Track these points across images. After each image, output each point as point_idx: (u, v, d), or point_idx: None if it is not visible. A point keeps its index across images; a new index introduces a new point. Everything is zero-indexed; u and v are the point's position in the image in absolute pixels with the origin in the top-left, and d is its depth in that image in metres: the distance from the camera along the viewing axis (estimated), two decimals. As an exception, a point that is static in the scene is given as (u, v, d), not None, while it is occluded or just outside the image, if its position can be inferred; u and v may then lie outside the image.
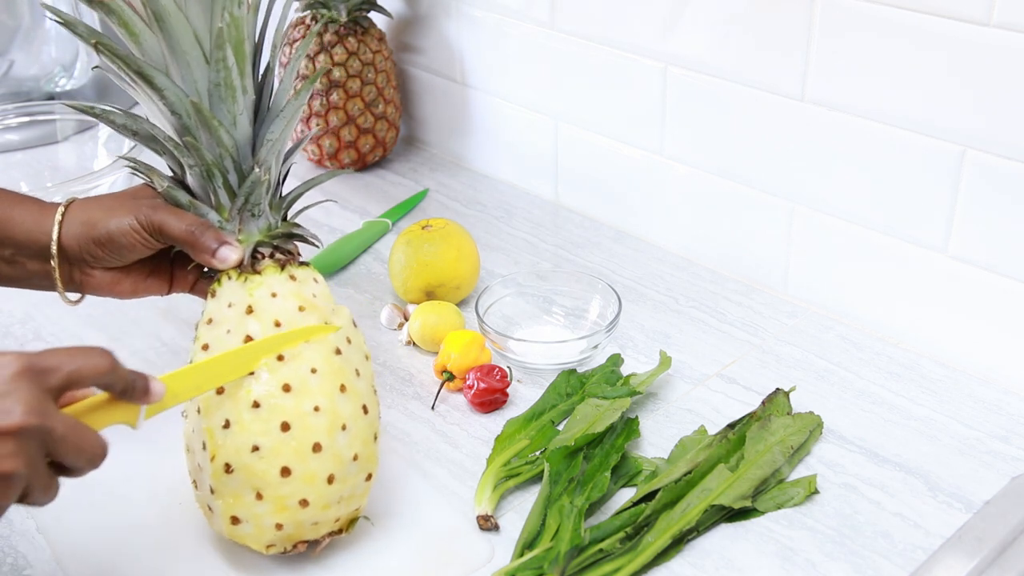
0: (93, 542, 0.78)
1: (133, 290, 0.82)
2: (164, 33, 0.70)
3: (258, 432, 0.69)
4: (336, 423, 0.70)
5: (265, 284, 0.73)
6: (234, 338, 0.71)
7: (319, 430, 0.69)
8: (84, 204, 0.79)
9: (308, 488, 0.69)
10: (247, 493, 0.69)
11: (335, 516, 0.72)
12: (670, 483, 0.79)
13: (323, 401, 0.70)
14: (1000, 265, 0.90)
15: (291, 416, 0.69)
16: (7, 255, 0.79)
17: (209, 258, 0.74)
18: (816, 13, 0.94)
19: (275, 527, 0.70)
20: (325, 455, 0.70)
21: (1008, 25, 0.83)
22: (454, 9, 1.30)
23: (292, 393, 0.69)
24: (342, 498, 0.72)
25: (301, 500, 0.70)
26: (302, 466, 0.69)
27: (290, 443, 0.69)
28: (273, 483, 0.69)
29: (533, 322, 1.03)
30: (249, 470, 0.69)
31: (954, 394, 0.93)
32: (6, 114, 1.35)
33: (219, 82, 0.71)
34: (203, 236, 0.74)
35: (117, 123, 0.75)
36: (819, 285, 1.04)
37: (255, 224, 0.75)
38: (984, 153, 0.88)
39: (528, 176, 1.31)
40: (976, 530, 0.78)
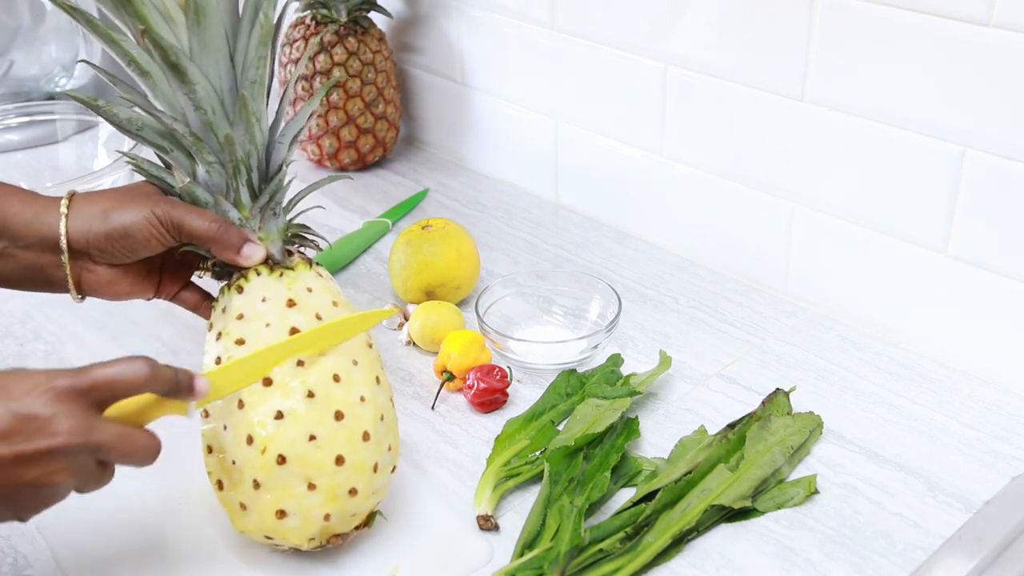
0: (93, 542, 0.78)
1: (129, 291, 0.80)
2: (200, 28, 0.70)
3: (314, 421, 0.69)
4: (377, 413, 0.72)
5: (300, 279, 0.74)
6: (275, 331, 0.71)
7: (367, 419, 0.71)
8: (90, 197, 0.77)
9: (358, 476, 0.71)
10: (298, 484, 0.70)
11: (370, 507, 0.74)
12: (670, 483, 0.79)
13: (367, 391, 0.72)
14: (1000, 265, 0.90)
15: (343, 405, 0.70)
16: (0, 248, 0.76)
17: (233, 255, 0.74)
18: (816, 13, 0.94)
19: (323, 518, 0.71)
20: (372, 444, 0.71)
21: (1008, 25, 0.83)
22: (454, 9, 1.30)
23: (341, 383, 0.71)
24: (377, 489, 0.73)
25: (351, 489, 0.71)
26: (354, 454, 0.70)
27: (344, 432, 0.70)
28: (328, 471, 0.70)
29: (533, 322, 1.03)
30: (304, 460, 0.69)
31: (954, 394, 0.93)
32: (6, 114, 1.35)
33: (256, 79, 0.73)
34: (228, 233, 0.74)
35: (120, 116, 0.74)
36: (819, 285, 1.04)
37: (274, 223, 0.76)
38: (984, 153, 0.88)
39: (528, 176, 1.31)
40: (976, 530, 0.78)
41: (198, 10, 0.69)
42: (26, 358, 1.00)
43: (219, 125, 0.73)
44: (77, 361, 0.99)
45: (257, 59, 0.72)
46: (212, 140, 0.73)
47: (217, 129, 0.73)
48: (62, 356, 1.00)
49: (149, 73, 0.72)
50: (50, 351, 1.01)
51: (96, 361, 0.63)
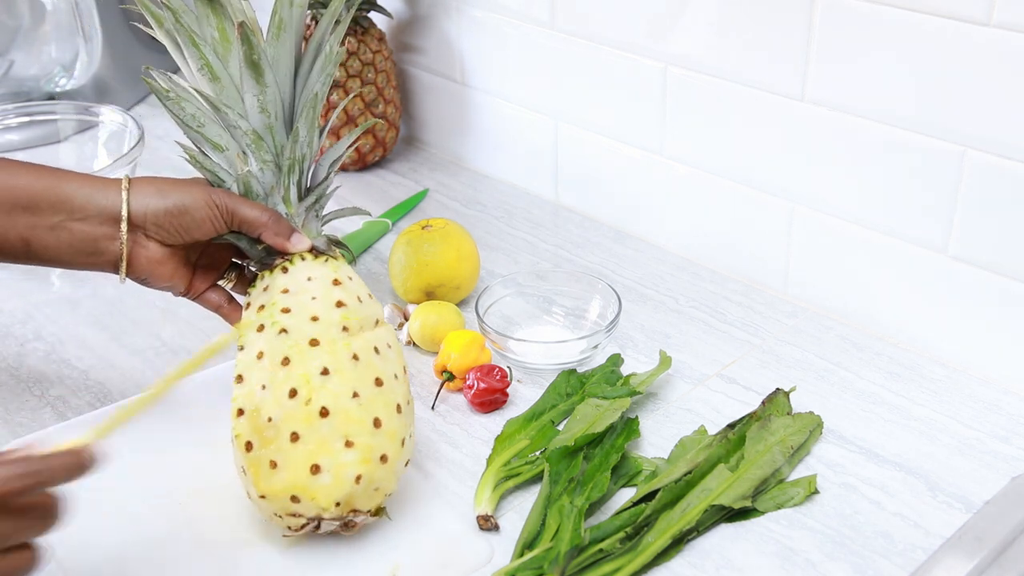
0: (93, 542, 0.78)
1: (171, 275, 0.84)
2: (279, 42, 0.79)
3: (357, 381, 0.73)
4: (405, 395, 0.77)
5: (342, 268, 0.80)
6: (321, 304, 0.76)
7: (400, 394, 0.76)
8: (148, 179, 0.83)
9: (391, 444, 0.74)
10: (337, 440, 0.72)
11: (387, 490, 0.75)
12: (670, 483, 0.79)
13: (399, 371, 0.77)
14: (1000, 265, 0.90)
15: (382, 374, 0.75)
16: (54, 222, 0.80)
17: (284, 240, 0.80)
18: (816, 13, 0.94)
19: (354, 479, 0.72)
20: (402, 418, 0.75)
21: (1008, 25, 0.83)
22: (454, 9, 1.30)
23: (380, 356, 0.76)
24: (397, 471, 0.75)
25: (383, 455, 0.73)
26: (390, 421, 0.74)
27: (382, 397, 0.74)
28: (367, 431, 0.72)
29: (533, 322, 1.03)
30: (347, 415, 0.72)
31: (954, 394, 0.93)
32: (6, 114, 1.35)
33: (317, 92, 0.81)
34: (279, 222, 0.80)
35: (187, 111, 0.80)
36: (819, 285, 1.04)
37: (315, 225, 0.83)
38: (984, 153, 0.88)
39: (528, 176, 1.31)
40: (976, 530, 0.78)
41: (281, 24, 0.78)
42: (26, 358, 1.00)
43: (278, 128, 0.80)
44: (77, 361, 0.99)
45: (326, 76, 0.81)
46: (270, 141, 0.80)
47: (275, 132, 0.80)
48: (62, 356, 1.00)
49: (219, 79, 0.79)
50: (50, 351, 1.01)
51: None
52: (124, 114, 1.27)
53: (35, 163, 0.83)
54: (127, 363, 0.99)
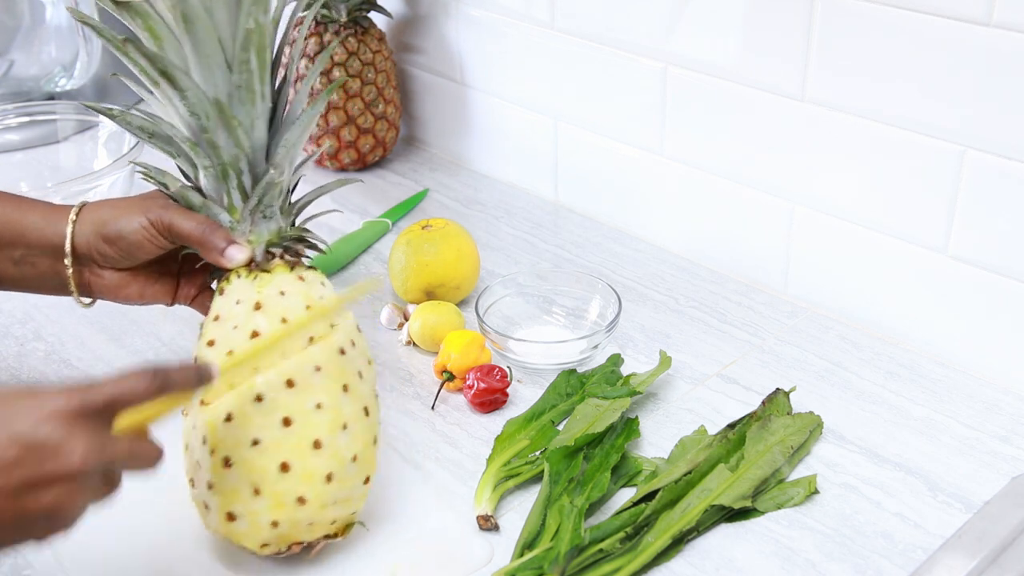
0: (93, 542, 0.78)
1: (140, 294, 0.83)
2: (191, 36, 0.71)
3: (259, 426, 0.69)
4: (338, 422, 0.70)
5: (274, 282, 0.74)
6: (240, 334, 0.71)
7: (320, 427, 0.70)
8: (96, 205, 0.81)
9: (306, 486, 0.69)
10: (245, 488, 0.69)
11: (331, 517, 0.72)
12: (670, 483, 0.79)
13: (326, 399, 0.70)
14: (1000, 265, 0.90)
15: (293, 411, 0.69)
16: (16, 256, 0.81)
17: (218, 256, 0.75)
18: (816, 13, 0.94)
19: (271, 524, 0.70)
20: (325, 453, 0.70)
21: (1008, 25, 0.83)
22: (454, 9, 1.30)
23: (295, 389, 0.69)
24: (339, 499, 0.71)
25: (299, 497, 0.69)
26: (301, 462, 0.69)
27: (290, 439, 0.69)
28: (271, 478, 0.69)
29: (533, 322, 1.03)
30: (248, 464, 0.69)
31: (954, 394, 0.93)
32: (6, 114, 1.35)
33: (241, 84, 0.73)
34: (212, 235, 0.75)
35: (133, 124, 0.77)
36: (819, 285, 1.04)
37: (266, 226, 0.76)
38: (984, 153, 0.88)
39: (528, 176, 1.31)
40: (976, 530, 0.78)
41: (185, 18, 0.71)
42: (26, 358, 1.00)
43: (213, 130, 0.73)
44: (77, 361, 0.99)
45: (240, 63, 0.72)
46: (206, 145, 0.74)
47: (214, 134, 0.74)
48: (62, 356, 1.00)
49: (158, 83, 0.74)
50: (50, 351, 1.01)
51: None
52: (124, 114, 1.27)
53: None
54: (127, 363, 0.99)
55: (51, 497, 0.58)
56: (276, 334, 0.70)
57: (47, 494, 0.58)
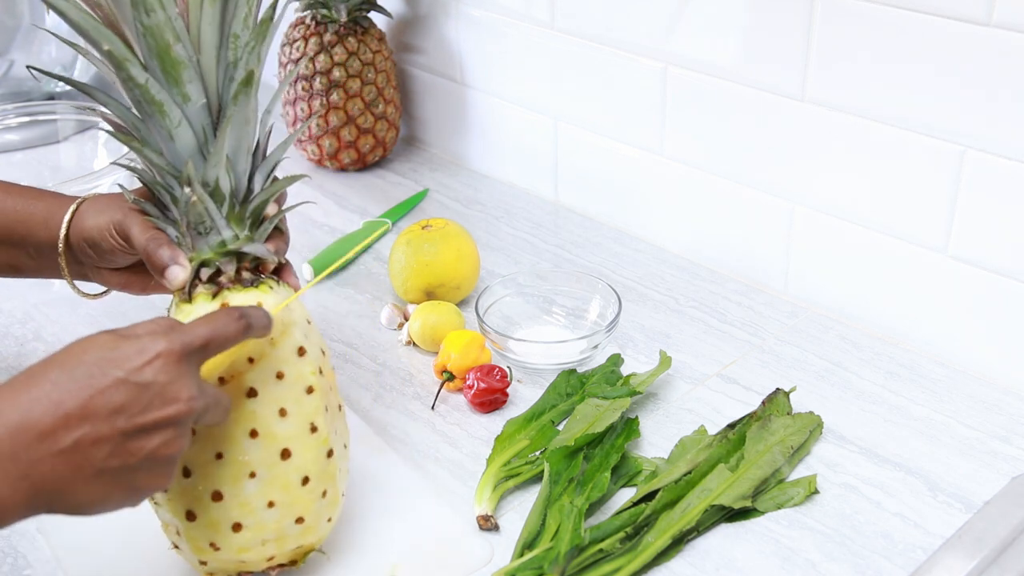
0: (93, 542, 0.78)
1: (143, 288, 0.82)
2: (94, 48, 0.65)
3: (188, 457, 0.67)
4: (242, 471, 0.66)
5: (192, 315, 0.67)
6: None
7: (220, 478, 0.66)
8: (90, 203, 0.79)
9: (214, 534, 0.67)
10: (171, 525, 0.69)
11: (263, 556, 0.69)
12: (670, 483, 0.79)
13: (227, 448, 0.66)
14: (1000, 265, 0.90)
15: (191, 463, 0.66)
16: (32, 251, 0.81)
17: (159, 276, 0.69)
18: (816, 13, 0.94)
19: (199, 562, 0.70)
20: (228, 504, 0.66)
21: (1008, 25, 0.83)
22: (454, 9, 1.30)
23: (197, 437, 0.66)
24: (265, 540, 0.68)
25: (210, 543, 0.68)
26: (204, 513, 0.67)
27: (191, 490, 0.66)
28: (183, 524, 0.67)
29: (533, 322, 1.03)
30: (162, 508, 0.68)
31: (954, 394, 0.93)
32: (6, 114, 1.35)
33: (137, 99, 0.65)
34: (157, 251, 0.69)
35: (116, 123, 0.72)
36: (819, 285, 1.04)
37: (205, 242, 0.69)
38: (984, 153, 0.88)
39: (528, 176, 1.31)
40: (976, 530, 0.78)
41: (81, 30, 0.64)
42: (26, 358, 1.00)
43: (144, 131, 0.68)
44: (77, 361, 0.99)
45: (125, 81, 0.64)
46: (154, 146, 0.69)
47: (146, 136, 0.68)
48: (62, 356, 1.00)
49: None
50: (50, 351, 1.00)
51: None
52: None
53: (5, 185, 0.83)
54: (127, 363, 0.99)
55: (156, 442, 0.58)
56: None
57: (153, 439, 0.58)
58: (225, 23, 0.67)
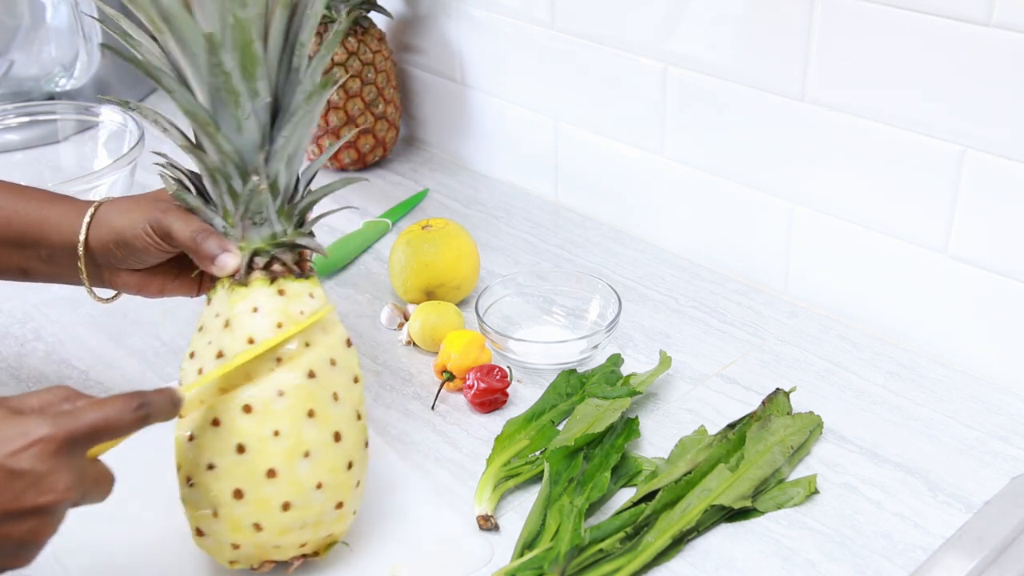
0: (93, 542, 0.78)
1: (161, 290, 0.82)
2: (173, 34, 0.68)
3: (215, 450, 0.68)
4: (298, 450, 0.68)
5: (249, 297, 0.70)
6: (211, 350, 0.69)
7: (277, 456, 0.67)
8: (110, 205, 0.79)
9: (261, 513, 0.68)
10: (206, 508, 0.69)
11: (299, 541, 0.70)
12: (670, 483, 0.79)
13: (285, 426, 0.67)
14: (1000, 265, 0.90)
15: (248, 439, 0.67)
16: (43, 254, 0.80)
17: (209, 264, 0.72)
18: (816, 13, 0.94)
19: (231, 546, 0.69)
20: (280, 481, 0.68)
21: (1008, 25, 0.83)
22: (454, 9, 1.30)
23: (252, 415, 0.67)
24: (305, 524, 0.70)
25: (254, 524, 0.68)
26: (255, 490, 0.67)
27: (244, 466, 0.67)
28: (227, 503, 0.68)
29: (533, 322, 1.03)
30: (205, 488, 0.68)
31: (954, 394, 0.93)
32: (6, 114, 1.35)
33: (218, 87, 0.69)
34: (205, 242, 0.72)
35: (149, 118, 0.74)
36: (819, 285, 1.04)
37: (257, 232, 0.72)
38: (984, 153, 0.88)
39: (528, 176, 1.31)
40: (976, 530, 0.78)
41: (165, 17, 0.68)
42: (26, 358, 1.00)
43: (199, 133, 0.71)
44: (77, 361, 0.99)
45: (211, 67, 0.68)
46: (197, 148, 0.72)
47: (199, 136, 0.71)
48: (62, 356, 1.00)
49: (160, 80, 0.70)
50: (50, 351, 1.01)
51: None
52: (124, 114, 1.27)
53: (19, 188, 0.82)
54: (127, 363, 0.99)
55: (24, 528, 0.57)
56: (241, 356, 0.68)
57: (21, 525, 0.57)
58: (291, 31, 0.71)
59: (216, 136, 0.70)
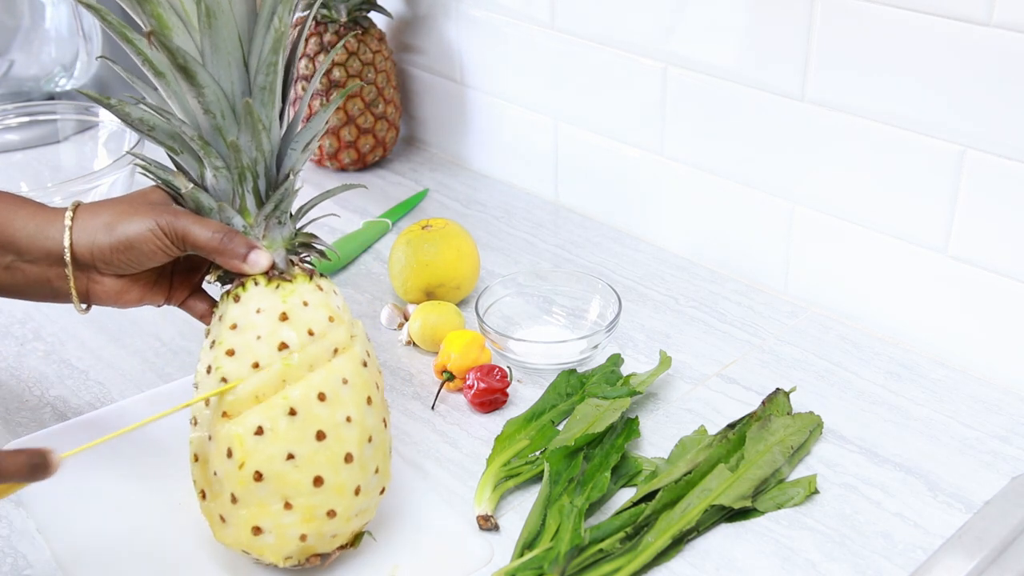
0: (93, 542, 0.78)
1: (139, 299, 0.79)
2: (212, 31, 0.68)
3: (294, 440, 0.68)
4: (365, 434, 0.71)
5: (297, 292, 0.72)
6: (265, 345, 0.69)
7: (352, 441, 0.70)
8: (94, 208, 0.76)
9: (338, 499, 0.70)
10: (275, 502, 0.69)
11: (353, 528, 0.73)
12: (670, 483, 0.79)
13: (354, 412, 0.70)
14: (1000, 265, 0.90)
15: (326, 425, 0.69)
16: (6, 262, 0.76)
17: (240, 263, 0.72)
18: (816, 13, 0.94)
19: (299, 538, 0.70)
20: (355, 466, 0.70)
21: (1008, 25, 0.83)
22: (454, 9, 1.30)
23: (327, 402, 0.69)
24: (361, 510, 0.72)
25: (329, 511, 0.70)
26: (335, 476, 0.69)
27: (324, 452, 0.69)
28: (305, 492, 0.69)
29: (533, 322, 1.03)
30: (282, 479, 0.68)
31: (954, 394, 0.93)
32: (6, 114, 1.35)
33: (265, 86, 0.71)
34: (232, 242, 0.72)
35: (132, 116, 0.72)
36: (819, 285, 1.04)
37: (279, 232, 0.74)
38: (984, 153, 0.88)
39: (528, 176, 1.31)
40: (976, 530, 0.78)
41: (209, 12, 0.68)
42: (26, 358, 1.00)
43: (228, 130, 0.71)
44: (77, 361, 0.99)
45: (267, 64, 0.70)
46: (220, 145, 0.71)
47: (226, 134, 0.71)
48: (62, 356, 1.00)
49: (164, 74, 0.71)
50: (50, 351, 1.01)
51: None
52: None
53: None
54: (127, 363, 0.99)
55: None
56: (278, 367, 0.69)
57: None
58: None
59: (261, 133, 0.71)
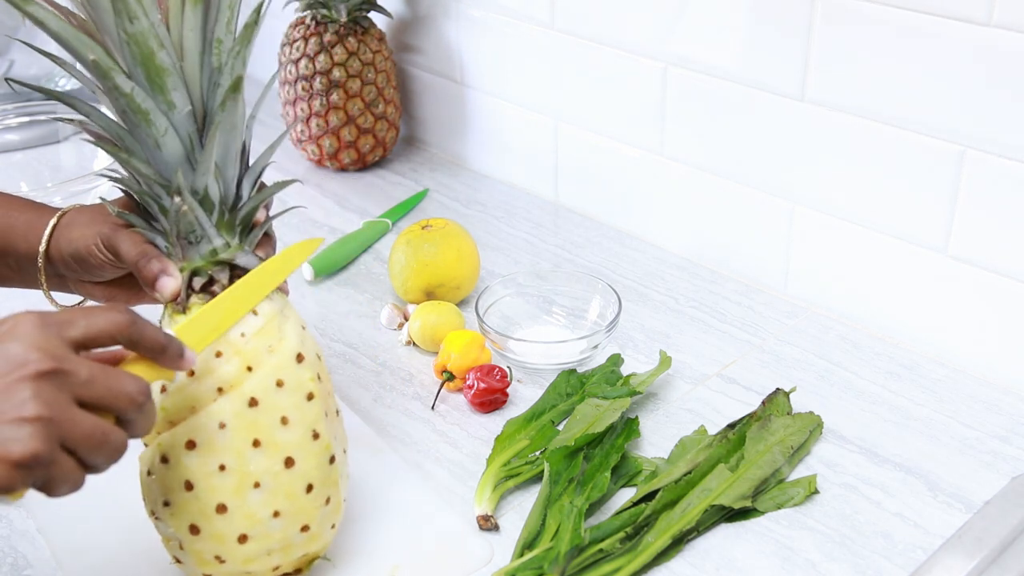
0: (93, 542, 0.78)
1: (128, 301, 0.79)
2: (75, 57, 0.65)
3: (168, 488, 0.66)
4: (246, 482, 0.65)
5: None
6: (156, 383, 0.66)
7: (223, 490, 0.65)
8: (73, 215, 0.76)
9: (220, 547, 0.67)
10: (173, 540, 0.68)
11: (269, 566, 0.69)
12: (670, 483, 0.79)
13: (230, 459, 0.65)
14: (1000, 265, 0.90)
15: (194, 475, 0.65)
16: (11, 263, 0.78)
17: (150, 288, 0.68)
18: (816, 14, 0.94)
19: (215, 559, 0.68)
20: (232, 516, 0.66)
21: (1008, 25, 0.83)
22: (454, 9, 1.30)
23: (196, 451, 0.65)
24: (271, 551, 0.68)
25: (216, 557, 0.67)
26: (209, 526, 0.66)
27: (194, 502, 0.65)
28: (186, 538, 0.67)
29: (533, 322, 1.03)
30: (167, 521, 0.67)
31: (954, 394, 0.93)
32: (6, 114, 1.35)
33: (123, 108, 0.64)
34: (147, 264, 0.68)
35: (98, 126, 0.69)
36: (819, 285, 1.04)
37: (196, 251, 0.68)
38: (984, 153, 0.88)
39: (528, 176, 1.31)
40: (976, 530, 0.78)
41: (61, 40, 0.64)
42: (26, 358, 0.99)
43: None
44: (77, 361, 0.99)
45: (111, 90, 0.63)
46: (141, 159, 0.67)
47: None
48: (62, 356, 1.00)
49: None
50: (50, 351, 1.00)
51: None
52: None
53: None
54: (127, 363, 0.99)
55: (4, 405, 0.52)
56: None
57: None
58: (207, 28, 0.66)
59: (130, 160, 0.66)
